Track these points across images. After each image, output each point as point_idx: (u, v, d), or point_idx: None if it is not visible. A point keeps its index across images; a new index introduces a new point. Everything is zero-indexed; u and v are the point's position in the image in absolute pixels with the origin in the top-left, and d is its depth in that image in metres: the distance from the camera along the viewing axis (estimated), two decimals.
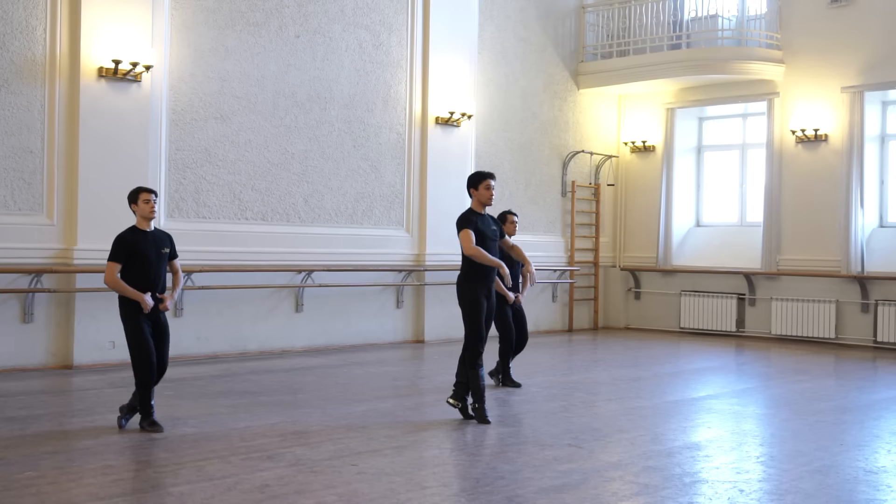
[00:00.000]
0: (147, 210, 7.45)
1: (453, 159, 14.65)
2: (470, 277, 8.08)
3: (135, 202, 7.48)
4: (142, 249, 7.36)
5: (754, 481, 6.23)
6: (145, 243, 7.40)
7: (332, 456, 6.65)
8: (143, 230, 7.45)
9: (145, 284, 7.37)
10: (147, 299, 7.32)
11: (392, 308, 14.04)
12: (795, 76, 15.57)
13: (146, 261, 7.38)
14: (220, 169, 12.10)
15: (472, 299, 8.03)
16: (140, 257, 7.36)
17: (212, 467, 6.26)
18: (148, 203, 7.44)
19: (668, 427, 8.10)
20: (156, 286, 7.45)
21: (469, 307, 8.05)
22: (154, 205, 7.47)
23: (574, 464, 6.61)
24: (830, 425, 8.25)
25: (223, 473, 6.12)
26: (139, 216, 7.48)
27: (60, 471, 6.10)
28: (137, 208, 7.47)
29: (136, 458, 6.50)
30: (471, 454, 6.88)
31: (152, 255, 7.41)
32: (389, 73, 13.99)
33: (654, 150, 17.40)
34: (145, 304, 7.31)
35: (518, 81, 16.05)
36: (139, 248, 7.36)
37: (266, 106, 12.60)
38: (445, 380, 10.61)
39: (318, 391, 9.58)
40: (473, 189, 8.21)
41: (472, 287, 8.05)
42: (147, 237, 7.45)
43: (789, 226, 15.61)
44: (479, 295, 8.03)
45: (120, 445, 6.86)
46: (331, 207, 13.27)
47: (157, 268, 7.44)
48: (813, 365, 12.69)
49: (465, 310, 8.08)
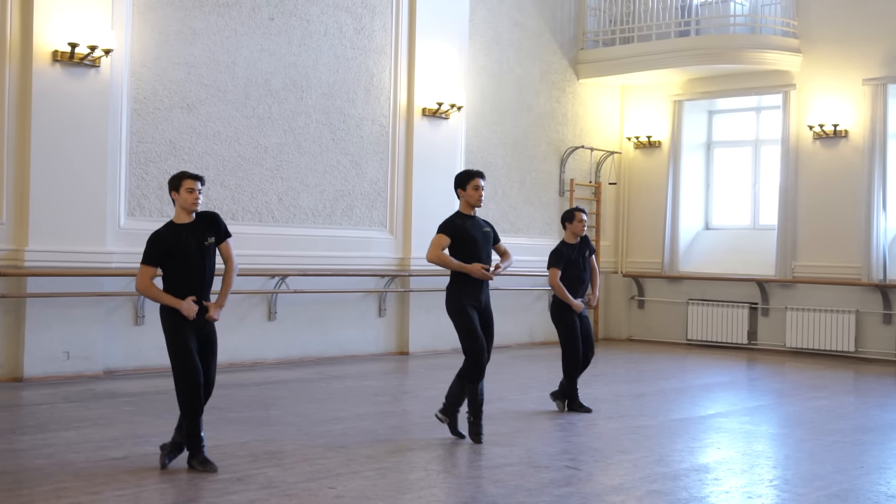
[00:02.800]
0: (190, 201, 6.79)
1: (441, 154, 14.67)
2: (456, 287, 8.09)
3: (176, 190, 6.82)
4: (183, 248, 6.75)
5: None
6: (186, 239, 6.78)
7: (307, 478, 6.64)
8: (181, 223, 6.83)
9: (191, 289, 6.76)
10: (188, 306, 6.70)
11: (374, 316, 14.04)
12: (813, 67, 15.64)
13: (189, 260, 6.77)
14: (186, 163, 12.07)
15: (459, 309, 8.04)
16: (181, 257, 6.76)
17: (176, 489, 6.25)
18: (192, 193, 6.78)
19: (674, 448, 8.12)
20: (203, 288, 6.85)
21: (457, 318, 8.07)
22: (199, 195, 6.82)
23: (572, 487, 6.62)
24: (849, 446, 8.28)
25: (188, 497, 6.11)
26: (179, 207, 6.83)
27: (9, 493, 6.07)
28: (178, 197, 6.81)
29: (94, 479, 6.48)
30: (459, 476, 6.88)
31: (194, 252, 6.79)
32: (372, 60, 13.99)
33: (659, 146, 17.45)
34: (187, 311, 6.69)
35: (512, 70, 16.08)
36: (179, 246, 6.75)
37: (237, 95, 12.59)
38: (432, 395, 10.61)
39: (292, 407, 9.57)
40: (461, 189, 8.19)
41: (457, 296, 8.06)
42: (186, 231, 6.81)
43: (806, 229, 15.68)
44: (464, 304, 8.03)
45: (76, 466, 6.83)
46: (307, 206, 13.26)
47: (202, 266, 6.82)
48: (831, 381, 12.74)
49: (455, 322, 8.11)
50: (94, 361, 11.15)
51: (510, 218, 15.94)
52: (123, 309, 11.54)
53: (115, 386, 10.52)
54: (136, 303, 11.56)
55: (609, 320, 17.62)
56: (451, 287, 8.13)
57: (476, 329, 8.03)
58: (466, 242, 8.04)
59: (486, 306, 8.17)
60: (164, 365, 11.63)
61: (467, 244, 8.04)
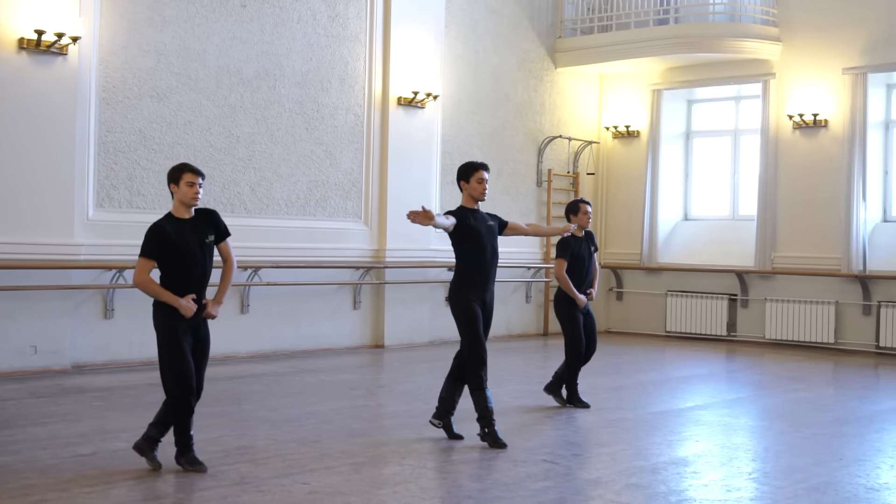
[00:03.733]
0: (190, 195, 6.60)
1: (417, 144, 14.65)
2: (461, 284, 7.82)
3: (175, 183, 6.63)
4: (183, 243, 6.57)
5: (746, 500, 6.29)
6: (186, 234, 6.61)
7: (280, 474, 6.63)
8: (182, 218, 6.65)
9: (189, 286, 6.60)
10: (187, 304, 6.55)
11: (348, 309, 14.03)
12: (793, 56, 15.72)
13: (189, 257, 6.60)
14: (157, 153, 12.01)
15: (464, 307, 7.75)
16: (181, 253, 6.57)
17: (145, 486, 6.23)
18: (192, 187, 6.60)
19: (653, 441, 8.15)
20: (202, 287, 6.70)
21: (462, 318, 7.77)
22: (199, 190, 6.65)
23: (549, 482, 6.64)
24: (829, 438, 8.34)
25: (158, 493, 6.09)
26: (178, 201, 6.64)
27: None
28: (177, 191, 6.62)
29: (61, 476, 6.44)
30: (435, 471, 6.89)
31: (195, 248, 6.62)
32: (346, 48, 13.96)
33: (638, 135, 17.50)
34: (185, 309, 6.53)
35: (489, 59, 16.07)
36: (179, 240, 6.56)
37: (208, 83, 12.53)
38: (407, 389, 10.63)
39: (265, 401, 9.55)
40: (464, 182, 7.94)
41: (464, 294, 7.77)
42: (187, 227, 6.63)
43: (785, 220, 15.77)
44: (472, 303, 7.74)
45: (43, 463, 6.79)
46: (280, 197, 13.23)
47: (202, 264, 6.65)
48: (810, 372, 12.83)
49: (459, 322, 7.80)
50: (62, 356, 11.08)
51: (487, 209, 15.84)
52: (92, 302, 11.47)
53: (84, 381, 10.46)
54: (105, 296, 11.50)
55: None
56: (456, 282, 7.86)
57: (480, 332, 7.75)
58: (472, 237, 7.81)
59: (489, 305, 7.89)
60: (133, 359, 11.65)
61: (473, 238, 7.80)
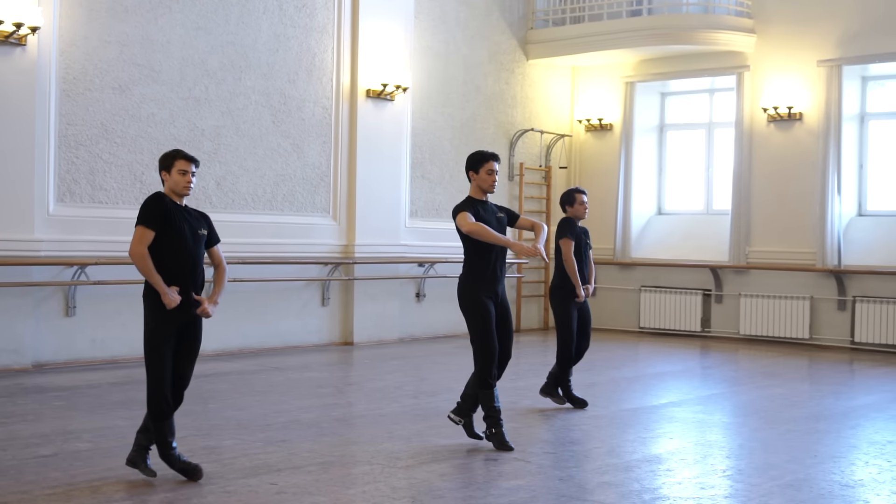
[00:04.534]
0: (182, 184, 6.41)
1: (386, 137, 14.63)
2: (471, 278, 7.62)
3: (167, 170, 6.43)
4: (178, 225, 6.34)
5: (720, 497, 6.33)
6: (181, 218, 6.39)
7: (247, 474, 6.61)
8: (175, 202, 6.46)
9: (179, 272, 6.34)
10: (172, 295, 6.25)
11: (317, 306, 13.99)
12: (767, 48, 15.80)
13: (180, 239, 6.34)
14: (119, 147, 11.94)
15: (475, 303, 7.55)
16: (173, 233, 6.32)
17: (109, 488, 6.19)
18: (185, 175, 6.40)
19: (626, 438, 8.18)
20: (193, 278, 6.43)
21: (472, 313, 7.57)
22: (192, 179, 6.45)
23: (521, 480, 6.65)
24: (803, 435, 8.40)
25: (122, 495, 6.06)
26: (168, 190, 6.45)
27: None
28: (168, 179, 6.43)
29: (21, 478, 6.39)
30: (405, 470, 6.88)
31: (188, 236, 6.39)
32: (314, 39, 13.91)
33: (611, 128, 17.55)
34: (169, 299, 6.23)
35: (460, 50, 16.07)
36: (175, 220, 6.34)
37: (172, 75, 12.45)
38: (377, 386, 10.62)
39: (231, 400, 9.52)
40: (473, 173, 7.80)
41: (475, 289, 7.58)
42: (182, 210, 6.44)
43: (760, 214, 15.86)
44: (483, 298, 7.55)
45: (3, 464, 6.74)
46: (246, 192, 13.17)
47: (194, 252, 6.41)
48: (785, 368, 12.91)
49: (470, 318, 7.59)
50: (22, 355, 10.99)
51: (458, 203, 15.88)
52: (53, 300, 11.38)
53: (45, 380, 10.38)
54: (66, 293, 11.42)
55: None
56: (465, 277, 7.65)
57: (492, 328, 7.55)
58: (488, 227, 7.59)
59: (502, 299, 7.71)
60: (96, 358, 11.58)
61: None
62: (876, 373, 12.58)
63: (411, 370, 12.26)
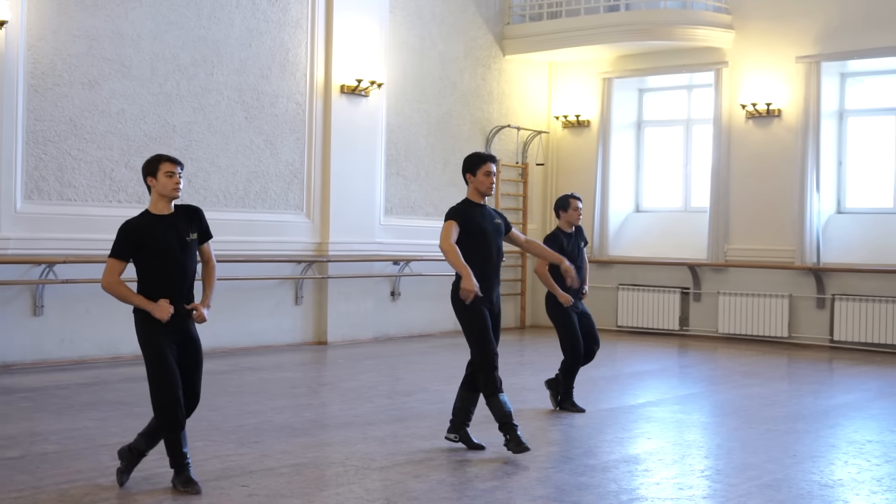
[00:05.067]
0: (171, 187, 6.25)
1: (361, 134, 14.60)
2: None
3: (153, 175, 6.29)
4: (159, 241, 6.17)
5: (698, 498, 6.33)
6: (164, 232, 6.22)
7: (219, 476, 6.59)
8: (160, 214, 6.29)
9: (170, 288, 6.20)
10: (162, 308, 6.11)
11: (290, 304, 13.95)
12: (746, 44, 15.85)
13: (168, 256, 6.19)
14: (88, 143, 11.86)
15: (472, 312, 7.43)
16: (158, 252, 6.17)
17: (77, 491, 6.15)
18: (172, 177, 6.25)
19: (603, 439, 8.18)
20: (184, 289, 6.29)
21: (467, 317, 7.48)
22: (181, 180, 6.32)
23: (497, 482, 6.64)
24: (782, 434, 8.43)
25: (91, 499, 6.01)
26: (157, 195, 6.29)
27: None
28: (156, 184, 6.27)
29: None
30: (379, 472, 6.85)
31: (175, 247, 6.22)
32: (287, 34, 13.86)
33: (588, 125, 17.57)
34: (160, 312, 6.09)
35: (435, 46, 16.04)
36: (155, 239, 6.17)
37: (142, 70, 12.38)
38: (351, 386, 10.59)
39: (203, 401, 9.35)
40: (470, 175, 7.67)
41: None
42: (165, 223, 6.26)
43: (738, 212, 15.92)
44: (479, 305, 7.41)
45: None
46: (218, 189, 13.11)
47: (183, 264, 6.25)
48: (764, 367, 12.96)
49: (464, 322, 7.51)
50: None
51: (433, 201, 15.92)
52: (20, 299, 11.29)
53: (12, 381, 10.30)
54: (34, 292, 11.33)
55: (537, 307, 17.70)
56: (458, 282, 7.45)
57: (490, 332, 7.44)
58: (475, 234, 7.50)
59: (497, 305, 7.61)
60: (64, 358, 11.50)
61: (482, 236, 7.50)
62: (855, 371, 12.64)
63: (386, 370, 12.23)
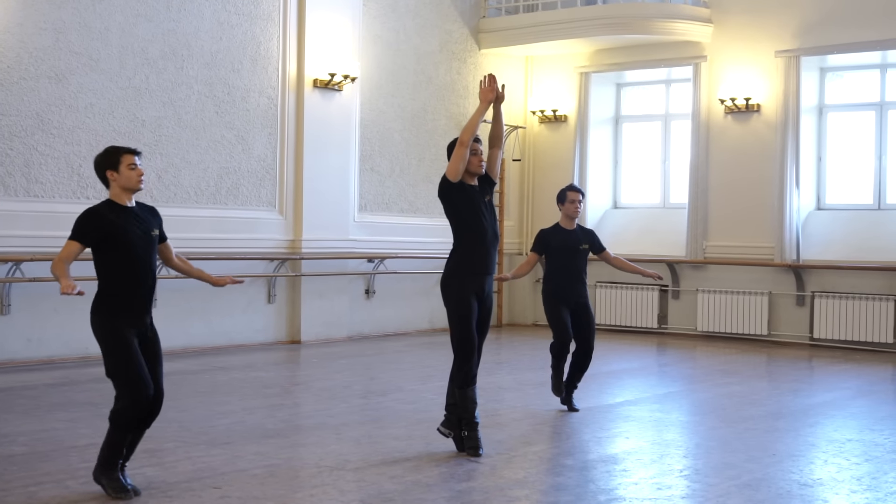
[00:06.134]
0: (135, 179, 6.14)
1: (335, 128, 14.59)
2: (459, 271, 7.45)
3: (113, 168, 6.14)
4: (125, 232, 6.07)
5: (677, 498, 6.38)
6: (129, 223, 6.12)
7: (190, 478, 6.58)
8: (123, 205, 6.15)
9: (133, 283, 6.10)
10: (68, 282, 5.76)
11: (262, 303, 13.93)
12: (725, 38, 15.93)
13: (131, 249, 6.09)
14: (56, 138, 11.81)
15: (459, 299, 7.38)
16: (123, 243, 6.06)
17: (45, 493, 6.13)
18: (136, 170, 6.14)
19: (581, 438, 8.22)
20: (147, 284, 6.18)
21: (455, 310, 7.40)
22: (143, 171, 6.22)
23: (473, 482, 6.66)
24: (762, 433, 8.49)
25: (59, 501, 5.99)
26: (120, 189, 6.16)
27: None
28: (118, 177, 6.13)
29: None
30: (354, 472, 6.87)
31: (138, 240, 6.13)
32: (259, 27, 13.84)
33: (565, 120, 17.61)
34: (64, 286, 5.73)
35: (410, 39, 16.05)
36: (121, 229, 6.06)
37: (111, 64, 12.33)
38: (325, 386, 10.59)
39: (173, 401, 9.41)
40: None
41: (461, 283, 7.41)
42: (130, 215, 6.15)
43: (717, 208, 15.99)
44: (467, 294, 7.38)
45: None
46: (189, 185, 13.08)
47: (146, 259, 6.18)
48: (743, 365, 13.04)
49: (451, 313, 7.43)
50: None
51: (408, 197, 15.94)
52: None
53: None
54: (0, 291, 11.27)
55: (513, 305, 17.77)
56: (453, 267, 7.47)
57: (472, 326, 7.39)
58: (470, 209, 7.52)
59: (489, 294, 7.56)
60: (31, 358, 11.45)
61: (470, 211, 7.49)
62: (835, 369, 12.74)
63: (360, 369, 12.24)
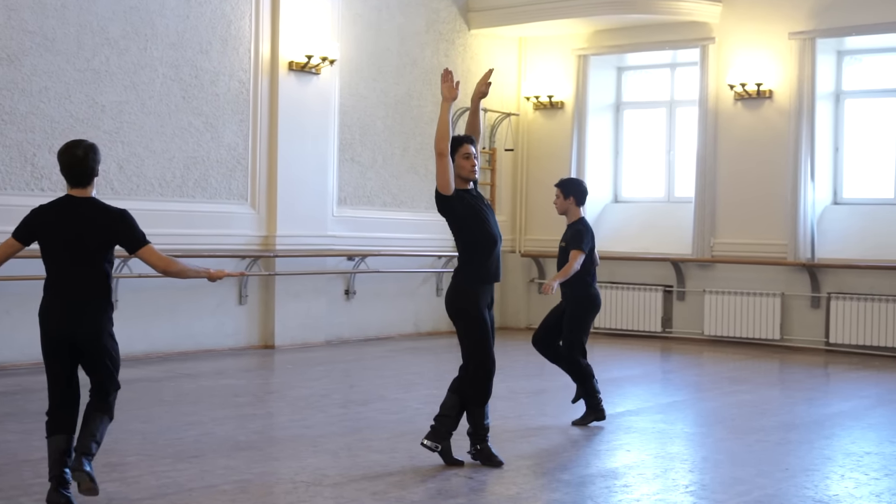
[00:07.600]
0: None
1: (312, 115, 14.58)
2: (470, 279, 7.46)
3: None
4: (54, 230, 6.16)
5: None
6: (64, 221, 6.17)
7: (154, 494, 6.57)
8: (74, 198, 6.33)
9: (51, 289, 6.17)
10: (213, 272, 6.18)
11: (233, 304, 13.91)
12: (735, 18, 15.94)
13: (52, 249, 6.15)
14: (8, 125, 11.78)
15: (475, 317, 7.42)
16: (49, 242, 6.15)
17: None
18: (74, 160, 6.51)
19: (579, 451, 8.23)
20: (66, 293, 6.16)
21: (472, 331, 7.43)
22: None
23: (463, 498, 6.66)
24: (774, 446, 8.51)
25: None
26: None
27: None
28: None
29: None
30: (333, 489, 6.86)
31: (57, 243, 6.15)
32: (229, 5, 13.81)
33: (562, 107, 17.61)
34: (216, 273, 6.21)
35: (394, 18, 16.03)
36: (52, 227, 6.16)
37: (68, 44, 12.30)
38: (300, 395, 10.58)
39: (136, 411, 9.42)
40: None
41: (476, 299, 7.43)
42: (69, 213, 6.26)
43: (726, 202, 16.01)
44: (482, 311, 7.43)
45: None
46: (153, 176, 13.05)
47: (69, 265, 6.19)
48: (753, 372, 13.06)
49: (467, 332, 7.46)
50: None
51: (392, 189, 15.92)
52: None
53: None
54: None
55: (506, 306, 17.74)
56: (463, 277, 7.50)
57: (491, 346, 7.46)
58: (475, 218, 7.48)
59: (492, 303, 7.65)
60: None
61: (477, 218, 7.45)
62: (852, 377, 12.78)
63: (339, 376, 12.23)
